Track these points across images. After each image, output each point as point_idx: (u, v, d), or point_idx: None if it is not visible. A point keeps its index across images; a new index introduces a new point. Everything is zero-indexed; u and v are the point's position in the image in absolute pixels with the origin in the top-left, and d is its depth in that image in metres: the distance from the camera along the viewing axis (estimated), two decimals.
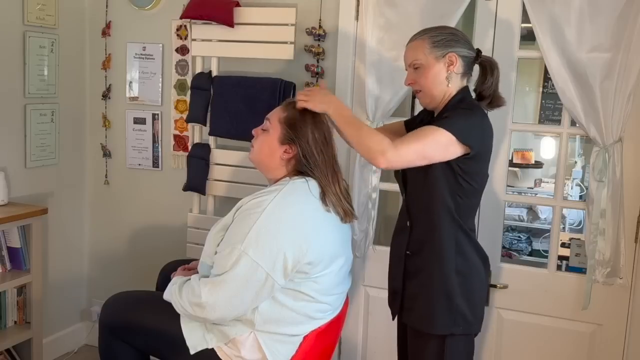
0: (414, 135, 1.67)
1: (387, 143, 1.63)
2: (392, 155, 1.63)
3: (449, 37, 1.73)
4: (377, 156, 1.64)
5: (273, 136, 1.83)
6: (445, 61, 1.73)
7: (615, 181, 2.02)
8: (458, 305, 1.74)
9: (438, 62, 1.73)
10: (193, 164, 2.63)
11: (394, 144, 1.63)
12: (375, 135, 1.68)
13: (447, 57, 1.72)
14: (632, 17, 1.94)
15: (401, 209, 1.89)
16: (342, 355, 2.58)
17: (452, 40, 1.73)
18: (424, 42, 1.74)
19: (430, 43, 1.73)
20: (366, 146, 1.67)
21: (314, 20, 2.48)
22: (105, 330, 1.94)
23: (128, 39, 2.89)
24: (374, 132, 1.71)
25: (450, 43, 1.73)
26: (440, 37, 1.73)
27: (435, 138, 1.63)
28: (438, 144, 1.64)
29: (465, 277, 1.75)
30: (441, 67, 1.73)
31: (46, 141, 2.81)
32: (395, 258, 1.90)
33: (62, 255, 2.98)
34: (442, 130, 1.63)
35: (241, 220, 1.72)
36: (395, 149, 1.63)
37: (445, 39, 1.73)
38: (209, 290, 1.68)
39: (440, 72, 1.73)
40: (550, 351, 2.24)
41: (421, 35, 1.76)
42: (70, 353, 3.05)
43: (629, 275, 2.10)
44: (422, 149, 1.64)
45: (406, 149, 1.64)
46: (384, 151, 1.63)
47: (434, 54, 1.72)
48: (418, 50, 1.75)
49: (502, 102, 1.83)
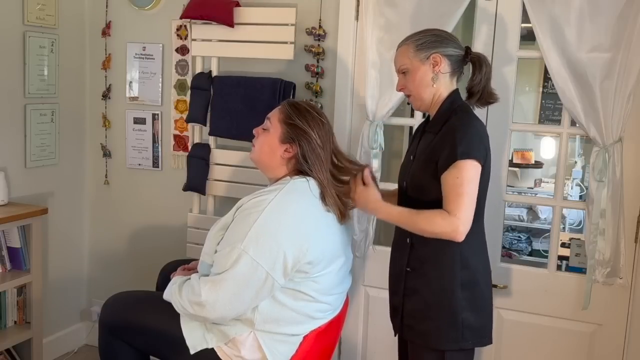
0: (452, 192, 1.64)
1: (448, 220, 1.62)
2: (462, 227, 1.62)
3: (432, 38, 1.76)
4: (453, 237, 1.63)
5: (274, 135, 1.83)
6: (430, 62, 1.74)
7: (615, 181, 2.02)
8: (465, 320, 1.72)
9: (423, 64, 1.75)
10: (193, 164, 2.63)
11: (452, 215, 1.61)
12: (435, 220, 1.64)
13: (432, 58, 1.74)
14: (632, 17, 1.95)
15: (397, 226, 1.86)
16: (342, 355, 2.58)
17: (435, 41, 1.75)
18: (409, 47, 1.77)
19: (414, 47, 1.76)
20: (436, 234, 1.65)
21: (314, 20, 2.48)
22: (105, 330, 1.94)
23: (128, 39, 2.89)
24: (431, 217, 1.65)
25: (433, 44, 1.75)
26: (423, 39, 1.76)
27: (466, 176, 1.63)
28: (472, 179, 1.64)
29: (473, 291, 1.74)
30: (427, 69, 1.75)
31: (46, 141, 2.81)
32: (394, 274, 1.88)
33: (62, 255, 2.98)
34: (460, 163, 1.62)
35: (241, 219, 1.72)
36: (458, 219, 1.61)
37: (428, 41, 1.75)
38: (209, 289, 1.68)
39: (426, 74, 1.75)
40: (550, 351, 2.24)
41: (406, 41, 1.79)
42: (70, 353, 3.05)
43: (629, 275, 2.10)
44: (469, 196, 1.63)
45: (463, 210, 1.62)
46: (454, 230, 1.62)
47: (418, 57, 1.75)
48: (404, 56, 1.78)
49: (494, 98, 1.82)
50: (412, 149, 1.86)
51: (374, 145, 2.32)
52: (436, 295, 1.74)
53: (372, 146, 2.32)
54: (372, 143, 2.32)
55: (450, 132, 1.68)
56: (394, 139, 2.87)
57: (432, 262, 1.74)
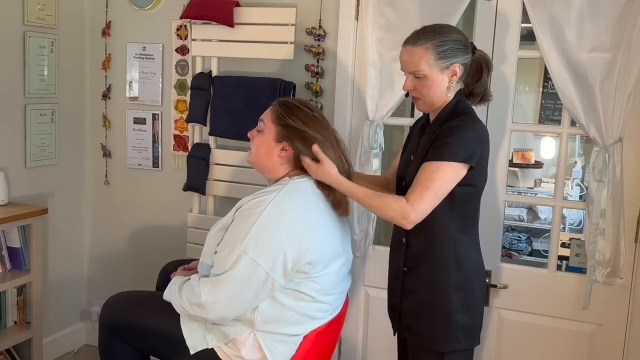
0: (421, 184, 1.64)
1: (404, 206, 1.63)
2: (414, 216, 1.63)
3: (455, 45, 1.69)
4: (402, 223, 1.65)
5: (268, 136, 1.83)
6: (448, 72, 1.70)
7: (615, 181, 2.02)
8: (458, 321, 1.73)
9: (442, 73, 1.70)
10: (193, 164, 2.63)
11: (409, 203, 1.63)
12: (390, 204, 1.66)
13: (451, 68, 1.70)
14: (632, 17, 1.94)
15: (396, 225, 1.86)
16: (342, 355, 2.58)
17: (457, 49, 1.69)
18: (428, 51, 1.68)
19: (435, 54, 1.67)
20: (388, 217, 1.67)
21: (314, 20, 2.48)
22: (105, 330, 1.94)
23: (128, 39, 2.89)
24: (387, 200, 1.67)
25: (454, 53, 1.69)
26: (446, 46, 1.68)
27: (442, 176, 1.63)
28: (446, 181, 1.64)
29: (466, 292, 1.75)
30: (444, 78, 1.70)
31: (46, 141, 2.81)
32: (392, 274, 1.89)
33: (62, 255, 2.98)
34: (443, 164, 1.63)
35: (241, 220, 1.72)
36: (413, 209, 1.63)
37: (450, 49, 1.68)
38: (209, 290, 1.68)
39: (442, 82, 1.71)
40: (550, 351, 2.24)
41: (424, 42, 1.68)
42: (70, 353, 3.05)
43: (629, 275, 2.09)
44: (435, 194, 1.63)
45: (422, 203, 1.63)
46: (405, 216, 1.63)
47: (439, 66, 1.69)
48: (421, 61, 1.68)
49: (490, 97, 1.83)
50: (412, 148, 1.86)
51: (374, 145, 2.32)
52: (431, 296, 1.75)
53: (372, 146, 2.32)
54: (372, 143, 2.32)
55: (447, 131, 1.67)
56: (394, 139, 2.87)
57: (427, 262, 1.75)
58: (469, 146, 1.66)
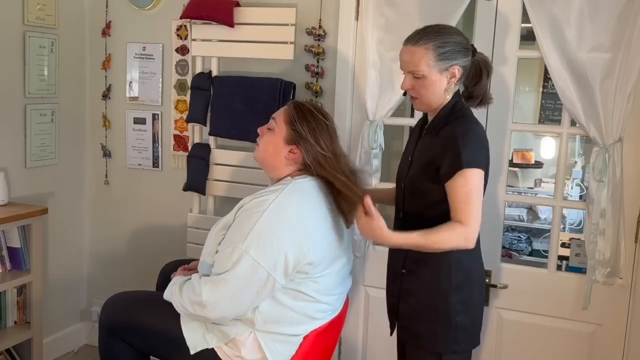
0: (464, 202, 1.63)
1: (459, 230, 1.62)
2: (472, 234, 1.63)
3: (456, 47, 1.68)
4: (467, 245, 1.64)
5: (279, 136, 1.83)
6: (447, 74, 1.70)
7: (615, 181, 2.02)
8: (458, 323, 1.72)
9: (441, 74, 1.69)
10: (193, 164, 2.63)
11: (464, 225, 1.62)
12: (447, 236, 1.63)
13: (450, 70, 1.69)
14: (632, 17, 1.94)
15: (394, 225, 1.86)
16: (342, 355, 2.58)
17: (457, 52, 1.69)
18: (429, 52, 1.67)
19: (436, 55, 1.67)
20: (450, 247, 1.65)
21: (314, 20, 2.48)
22: (105, 330, 1.94)
23: (128, 39, 2.89)
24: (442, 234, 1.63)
25: (454, 55, 1.68)
26: (446, 48, 1.67)
27: (472, 185, 1.63)
28: (478, 188, 1.64)
29: (466, 293, 1.74)
30: (442, 79, 1.70)
31: (46, 141, 2.81)
32: (391, 275, 1.89)
33: (62, 255, 2.98)
34: (465, 172, 1.62)
35: (243, 219, 1.72)
36: (470, 230, 1.62)
37: (450, 51, 1.67)
38: (210, 289, 1.68)
39: (441, 83, 1.71)
40: (550, 351, 2.24)
41: (425, 42, 1.68)
42: (70, 353, 3.05)
43: (629, 275, 2.10)
44: (477, 204, 1.63)
45: (473, 219, 1.63)
46: (466, 238, 1.63)
47: (438, 67, 1.68)
48: (421, 61, 1.68)
49: (490, 100, 1.82)
50: (409, 150, 1.86)
51: (374, 145, 2.32)
52: (431, 298, 1.74)
53: (372, 146, 2.32)
54: (372, 143, 2.32)
55: (451, 139, 1.66)
56: (394, 139, 2.87)
57: (427, 264, 1.74)
58: (476, 152, 1.67)
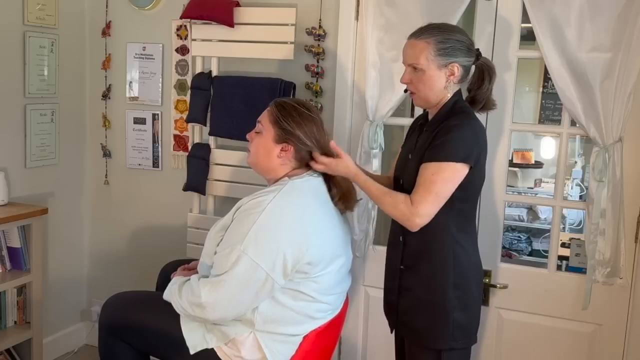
0: (422, 186, 1.65)
1: (407, 209, 1.64)
2: (418, 220, 1.65)
3: (457, 45, 1.69)
4: (407, 225, 1.67)
5: (267, 137, 1.83)
6: (446, 71, 1.70)
7: (615, 181, 2.02)
8: (456, 319, 1.73)
9: (439, 70, 1.70)
10: (193, 164, 2.63)
11: (413, 206, 1.64)
12: (398, 203, 1.67)
13: (449, 67, 1.70)
14: (632, 17, 1.94)
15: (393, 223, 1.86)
16: (342, 355, 2.58)
17: (458, 49, 1.70)
18: (429, 46, 1.69)
19: (436, 50, 1.68)
20: (395, 216, 1.70)
21: (314, 20, 2.48)
22: (105, 330, 1.94)
23: (128, 39, 2.89)
24: (397, 199, 1.68)
25: (455, 52, 1.69)
26: (447, 44, 1.68)
27: (442, 177, 1.63)
28: (447, 181, 1.64)
29: (464, 290, 1.75)
30: (441, 75, 1.71)
31: (46, 141, 2.81)
32: (389, 272, 1.90)
33: (62, 255, 2.98)
34: (442, 164, 1.63)
35: (241, 220, 1.72)
36: (417, 212, 1.63)
37: (451, 48, 1.69)
38: (209, 290, 1.68)
39: (439, 79, 1.71)
40: (550, 351, 2.24)
41: (427, 37, 1.70)
42: (70, 353, 3.05)
43: (629, 275, 2.09)
44: (437, 196, 1.64)
45: (424, 206, 1.64)
46: (409, 219, 1.65)
47: (437, 62, 1.69)
48: (421, 54, 1.70)
49: (494, 105, 1.83)
50: (409, 146, 1.86)
51: (374, 145, 2.32)
52: (429, 294, 1.75)
53: (372, 146, 2.32)
54: (372, 143, 2.32)
55: (444, 130, 1.68)
56: (394, 139, 2.87)
57: (425, 260, 1.75)
58: (467, 145, 1.67)
